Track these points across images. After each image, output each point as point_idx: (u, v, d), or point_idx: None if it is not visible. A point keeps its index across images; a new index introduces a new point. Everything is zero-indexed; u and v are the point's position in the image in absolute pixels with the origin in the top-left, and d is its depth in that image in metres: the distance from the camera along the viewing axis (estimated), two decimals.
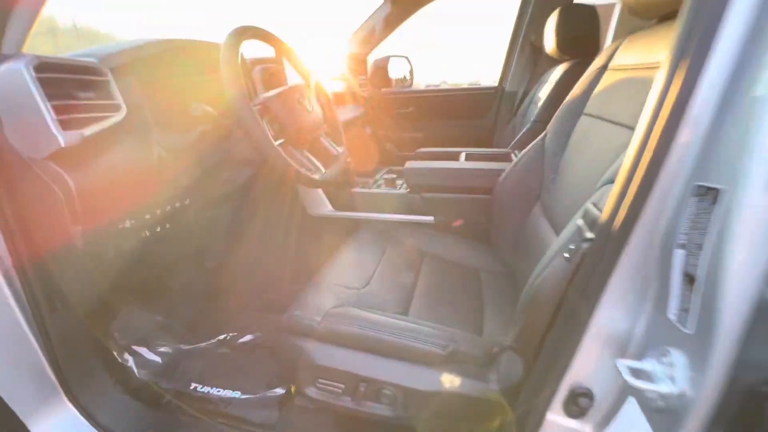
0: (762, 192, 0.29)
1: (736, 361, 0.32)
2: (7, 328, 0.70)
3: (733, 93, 0.31)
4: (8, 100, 0.54)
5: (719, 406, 0.33)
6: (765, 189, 0.29)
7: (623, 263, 0.40)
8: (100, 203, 0.66)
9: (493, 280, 1.03)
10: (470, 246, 1.15)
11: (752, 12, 0.30)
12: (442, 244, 1.16)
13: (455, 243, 1.16)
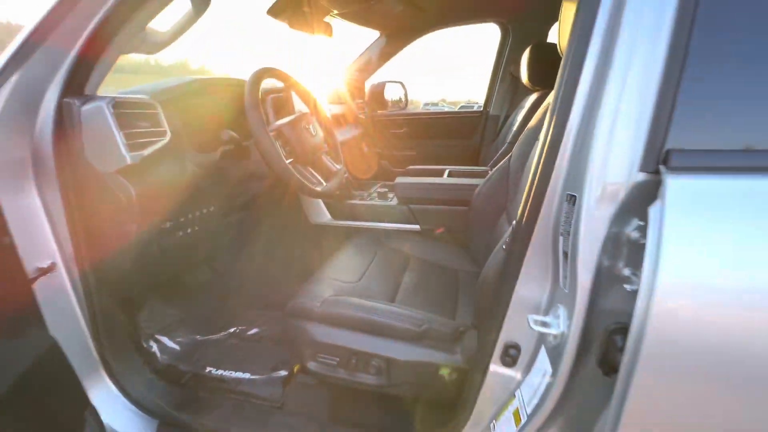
0: (595, 199, 0.47)
1: (588, 309, 0.49)
2: (64, 308, 0.86)
3: (586, 130, 0.50)
4: (92, 129, 0.73)
5: (581, 338, 0.51)
6: (595, 197, 0.47)
7: (531, 249, 0.58)
8: (150, 207, 0.84)
9: (468, 278, 1.20)
10: (450, 250, 1.33)
11: (593, 81, 0.49)
12: (426, 248, 1.33)
13: (437, 247, 1.34)
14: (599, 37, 0.47)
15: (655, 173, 0.43)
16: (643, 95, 0.44)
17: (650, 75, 0.43)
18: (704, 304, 0.39)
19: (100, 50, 0.75)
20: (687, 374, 0.41)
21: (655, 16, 0.43)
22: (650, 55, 0.43)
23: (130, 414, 0.99)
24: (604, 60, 0.46)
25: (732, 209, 0.40)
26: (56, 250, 0.82)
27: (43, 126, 0.75)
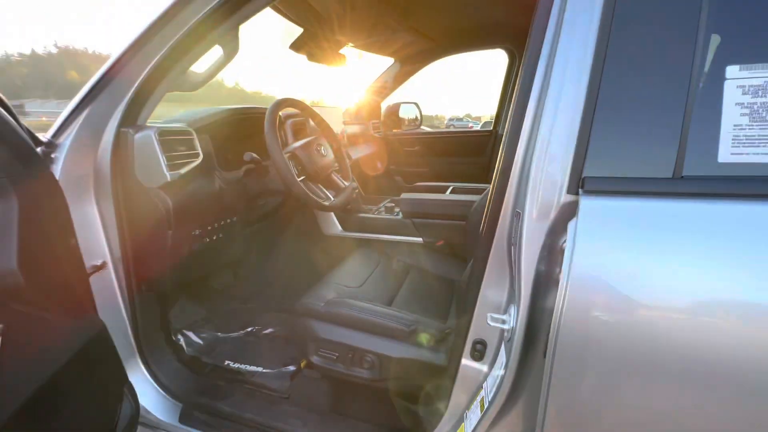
0: (533, 215, 0.58)
1: (530, 306, 0.59)
2: (111, 301, 1.03)
3: (527, 160, 0.60)
4: (142, 153, 0.91)
5: (526, 332, 0.60)
6: (534, 214, 0.57)
7: (492, 257, 0.68)
8: (183, 216, 1.00)
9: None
10: (449, 261, 1.43)
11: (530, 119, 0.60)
12: (426, 259, 1.44)
13: (437, 259, 1.44)
14: (537, 85, 0.58)
15: (576, 195, 0.54)
16: (567, 133, 0.54)
17: (572, 118, 0.54)
18: (606, 297, 0.49)
19: (151, 89, 0.93)
20: (596, 359, 0.50)
21: (575, 72, 0.54)
22: (572, 102, 0.54)
23: (159, 396, 1.13)
24: (539, 104, 0.58)
25: (629, 223, 0.49)
26: (107, 252, 1.00)
27: (104, 149, 0.93)
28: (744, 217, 0.46)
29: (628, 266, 0.49)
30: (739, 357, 0.44)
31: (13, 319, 0.67)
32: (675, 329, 0.47)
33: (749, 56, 0.47)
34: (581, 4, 0.54)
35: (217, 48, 0.92)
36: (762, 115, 0.46)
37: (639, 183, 0.51)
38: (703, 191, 0.48)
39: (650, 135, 0.51)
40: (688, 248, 0.47)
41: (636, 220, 0.50)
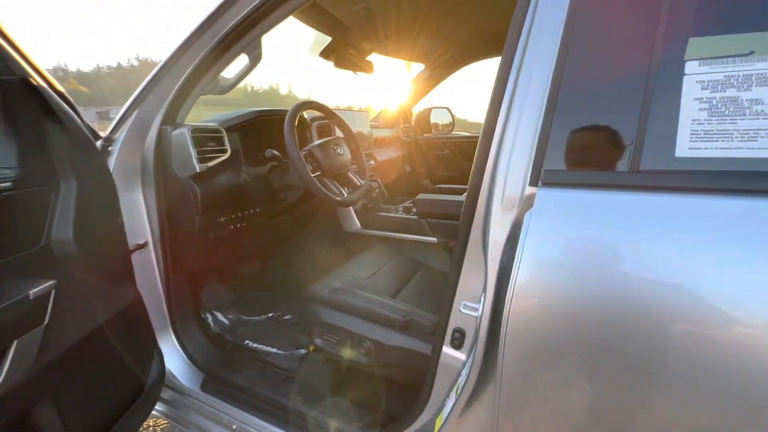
0: (500, 207, 0.60)
1: (495, 295, 0.62)
2: (149, 275, 1.18)
3: (498, 155, 0.63)
4: (178, 147, 1.05)
5: (491, 320, 0.62)
6: (501, 206, 0.60)
7: (469, 247, 0.71)
8: (211, 204, 1.14)
9: None
10: None
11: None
12: (438, 258, 1.47)
13: (448, 259, 1.46)
14: (510, 86, 0.61)
15: (536, 187, 0.56)
16: (532, 129, 0.57)
17: (536, 114, 0.57)
18: (551, 285, 0.51)
19: (188, 92, 1.08)
20: (540, 346, 0.52)
21: (541, 70, 0.57)
22: (537, 99, 0.57)
23: (185, 365, 1.27)
24: (509, 108, 0.61)
25: (582, 214, 0.51)
26: (149, 233, 1.16)
27: (149, 144, 1.09)
28: (699, 211, 0.46)
29: (578, 255, 0.50)
30: (686, 347, 0.45)
31: (66, 279, 0.81)
32: (619, 319, 0.47)
33: (709, 51, 0.47)
34: (547, 8, 0.57)
35: (243, 56, 1.04)
36: (721, 110, 0.46)
37: (596, 176, 0.52)
38: (659, 185, 0.49)
39: (608, 130, 0.52)
40: (640, 239, 0.48)
41: (590, 212, 0.51)
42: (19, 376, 0.70)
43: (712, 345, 0.43)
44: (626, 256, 0.48)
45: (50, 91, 0.80)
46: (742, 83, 0.46)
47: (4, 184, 0.70)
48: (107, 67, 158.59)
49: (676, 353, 0.44)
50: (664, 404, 0.45)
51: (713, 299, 0.44)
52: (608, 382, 0.49)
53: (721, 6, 0.47)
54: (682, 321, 0.45)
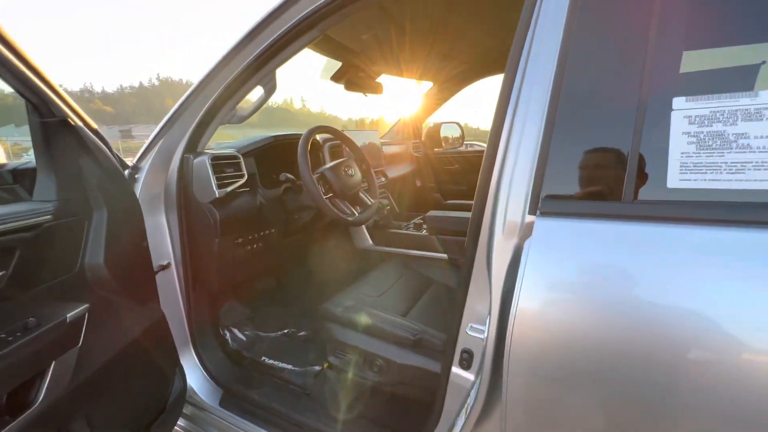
0: (502, 234, 0.63)
1: (499, 316, 0.64)
2: (172, 295, 1.25)
3: (499, 184, 0.66)
4: (198, 174, 1.12)
5: (496, 341, 0.65)
6: (503, 232, 0.63)
7: (475, 271, 0.74)
8: (229, 227, 1.20)
9: None
10: None
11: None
12: (449, 275, 1.49)
13: (459, 275, 1.48)
14: (509, 118, 0.65)
15: (535, 216, 0.59)
16: (530, 160, 0.60)
17: (534, 147, 0.60)
18: (550, 311, 0.53)
19: (208, 122, 1.15)
20: (541, 367, 0.54)
21: (537, 106, 0.60)
22: (534, 133, 0.60)
23: (204, 381, 1.32)
24: (509, 134, 0.64)
25: (579, 243, 0.53)
26: (171, 254, 1.22)
27: (172, 171, 1.16)
28: (690, 241, 0.48)
29: (574, 284, 0.53)
30: (679, 366, 0.46)
31: (97, 301, 0.88)
32: (616, 346, 0.49)
33: (695, 88, 0.50)
34: (543, 48, 0.60)
35: (258, 88, 1.11)
36: (708, 143, 0.49)
37: (591, 206, 0.55)
38: (651, 215, 0.51)
39: (602, 162, 0.55)
40: (634, 269, 0.50)
41: (586, 241, 0.54)
42: (57, 395, 0.75)
43: (703, 366, 0.45)
44: (620, 284, 0.51)
45: (85, 129, 0.88)
46: (728, 118, 0.48)
47: (45, 217, 0.77)
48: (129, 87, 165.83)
49: (671, 375, 0.46)
50: (662, 424, 0.47)
51: (707, 323, 0.45)
52: (608, 405, 0.50)
53: (705, 42, 0.50)
54: (677, 344, 0.46)
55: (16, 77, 0.71)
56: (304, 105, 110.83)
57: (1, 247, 0.69)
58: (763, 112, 0.46)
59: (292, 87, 28.10)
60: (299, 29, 0.95)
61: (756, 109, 0.46)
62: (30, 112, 0.78)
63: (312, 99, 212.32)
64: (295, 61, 1.10)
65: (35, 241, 0.75)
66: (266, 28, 0.96)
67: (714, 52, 0.51)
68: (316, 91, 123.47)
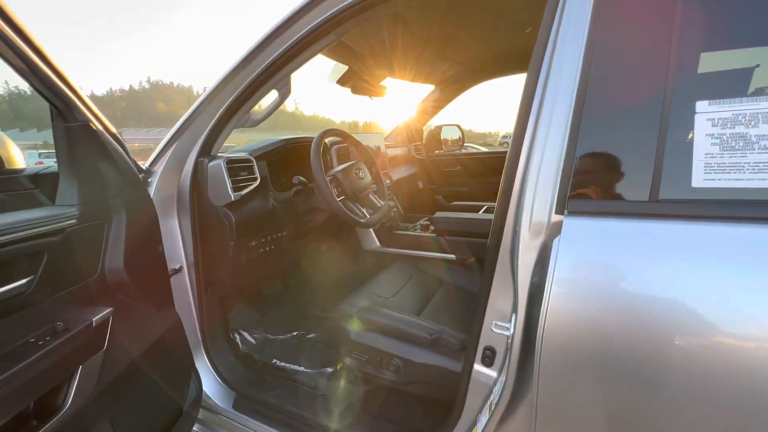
0: (528, 233, 0.65)
1: (526, 314, 0.66)
2: (184, 299, 1.24)
3: (524, 183, 0.68)
4: (214, 178, 1.12)
5: (523, 338, 0.67)
6: (529, 231, 0.65)
7: (498, 270, 0.75)
8: (243, 229, 1.20)
9: None
10: (479, 278, 1.48)
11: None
12: (457, 275, 1.51)
13: (468, 275, 1.50)
14: (533, 119, 0.67)
15: (562, 215, 0.61)
16: (556, 161, 0.62)
17: (560, 147, 0.62)
18: (582, 308, 0.55)
19: (222, 127, 1.15)
20: (572, 362, 0.56)
21: (562, 107, 0.62)
22: (560, 133, 0.62)
23: (218, 384, 1.32)
24: (534, 136, 0.66)
25: (606, 241, 0.56)
26: (183, 258, 1.22)
27: (185, 175, 1.17)
28: (715, 238, 0.51)
29: (603, 281, 0.55)
30: (709, 361, 0.48)
31: (119, 306, 0.88)
32: (645, 340, 0.52)
33: (718, 92, 0.52)
34: (567, 51, 0.63)
35: (273, 92, 1.12)
36: (731, 144, 0.51)
37: (618, 205, 0.57)
38: (677, 213, 0.53)
39: (628, 162, 0.57)
40: (661, 265, 0.53)
41: (613, 239, 0.56)
42: (84, 399, 0.75)
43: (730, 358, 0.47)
44: (649, 280, 0.53)
45: (106, 134, 0.88)
46: (750, 120, 0.50)
47: (70, 221, 0.78)
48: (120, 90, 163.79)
49: (701, 368, 0.48)
50: (698, 420, 0.49)
51: (730, 318, 0.48)
52: (640, 397, 0.52)
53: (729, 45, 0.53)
54: (706, 337, 0.49)
55: (43, 82, 0.72)
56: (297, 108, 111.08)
57: (30, 251, 0.69)
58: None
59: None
60: (317, 33, 0.96)
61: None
62: (54, 117, 0.78)
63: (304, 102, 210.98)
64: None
65: (61, 245, 0.76)
66: (284, 32, 0.97)
67: (733, 53, 0.53)
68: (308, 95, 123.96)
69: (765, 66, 0.52)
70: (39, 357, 0.66)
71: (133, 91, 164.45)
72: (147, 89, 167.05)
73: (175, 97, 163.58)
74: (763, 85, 0.51)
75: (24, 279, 0.67)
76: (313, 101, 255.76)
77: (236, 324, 1.61)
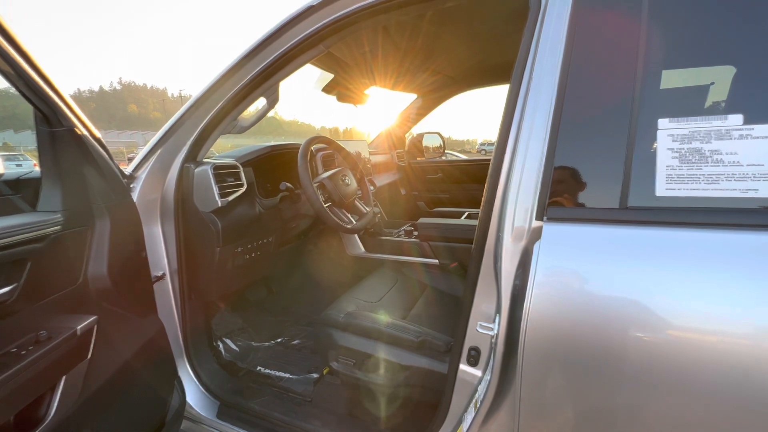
0: (510, 238, 0.70)
1: (509, 315, 0.70)
2: (166, 307, 1.22)
3: (506, 190, 0.73)
4: (200, 184, 1.12)
5: (506, 338, 0.70)
6: (511, 236, 0.69)
7: (483, 272, 0.80)
8: (230, 235, 1.20)
9: None
10: (462, 282, 1.53)
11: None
12: (441, 280, 1.55)
13: (451, 279, 1.55)
14: (513, 133, 0.72)
15: (542, 221, 0.66)
16: (535, 172, 0.67)
17: (539, 160, 0.67)
18: (561, 307, 0.59)
19: (209, 133, 1.15)
20: (555, 357, 0.60)
21: (540, 123, 0.67)
22: (539, 147, 0.67)
23: (200, 393, 1.30)
24: (514, 149, 0.71)
25: (582, 245, 0.60)
26: (166, 265, 1.20)
27: (170, 181, 1.16)
28: (677, 243, 0.56)
29: (579, 283, 0.59)
30: (675, 356, 0.54)
31: (103, 313, 0.86)
32: (618, 339, 0.56)
33: (678, 109, 0.59)
34: (545, 67, 0.68)
35: (261, 99, 1.13)
36: (689, 158, 0.57)
37: (592, 212, 0.62)
38: (643, 219, 0.59)
39: (601, 171, 0.62)
40: (631, 268, 0.58)
41: (588, 243, 0.61)
42: (67, 410, 0.73)
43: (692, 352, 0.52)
44: (621, 282, 0.58)
45: (91, 139, 0.87)
46: (704, 137, 0.57)
47: (54, 227, 0.76)
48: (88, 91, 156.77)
49: (670, 364, 0.53)
50: (671, 414, 0.54)
51: (692, 315, 0.53)
52: (614, 393, 0.57)
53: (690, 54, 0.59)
54: (672, 334, 0.54)
55: (30, 87, 0.71)
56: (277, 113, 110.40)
57: (15, 258, 0.67)
58: (731, 132, 0.55)
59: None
60: (307, 44, 0.99)
61: (726, 130, 0.55)
62: (39, 122, 0.77)
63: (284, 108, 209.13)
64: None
65: (45, 252, 0.74)
66: (275, 41, 0.99)
67: (693, 71, 0.60)
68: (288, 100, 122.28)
69: (719, 83, 0.58)
70: (21, 368, 0.64)
71: (103, 92, 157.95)
72: (118, 90, 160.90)
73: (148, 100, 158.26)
74: (718, 100, 0.57)
75: (7, 287, 0.66)
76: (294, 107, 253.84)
77: (219, 331, 1.59)
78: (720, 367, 0.52)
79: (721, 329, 0.52)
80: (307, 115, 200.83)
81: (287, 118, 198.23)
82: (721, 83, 0.58)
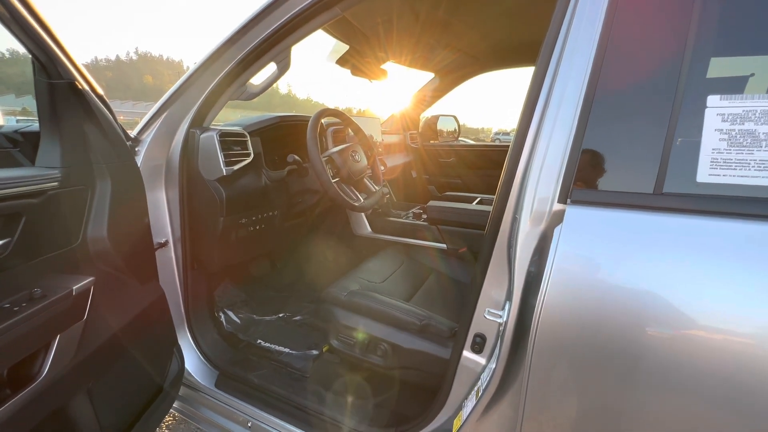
0: (528, 221, 0.65)
1: (521, 302, 0.66)
2: (168, 274, 1.21)
3: (527, 172, 0.67)
4: (205, 150, 1.08)
5: (516, 326, 0.66)
6: (529, 219, 0.64)
7: (494, 257, 0.75)
8: (234, 206, 1.17)
9: None
10: (470, 268, 1.48)
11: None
12: (448, 264, 1.51)
13: (459, 265, 1.50)
14: (540, 107, 0.66)
15: (565, 204, 0.60)
16: (561, 150, 0.61)
17: (566, 136, 0.61)
18: (579, 296, 0.55)
19: (216, 98, 1.11)
20: (571, 348, 0.56)
21: (571, 94, 0.61)
22: (567, 122, 0.61)
23: (200, 362, 1.30)
24: (539, 125, 0.65)
25: (608, 231, 0.55)
26: (170, 232, 1.18)
27: (175, 146, 1.12)
28: (717, 233, 0.51)
29: (604, 270, 0.55)
30: (704, 356, 0.49)
31: (101, 276, 0.84)
32: (644, 333, 0.52)
33: (729, 87, 0.52)
34: (579, 43, 0.61)
35: (272, 64, 1.08)
36: (739, 141, 0.51)
37: (621, 196, 0.56)
38: (680, 207, 0.53)
39: (635, 154, 0.56)
40: (662, 257, 0.52)
41: (615, 229, 0.55)
42: (60, 370, 0.72)
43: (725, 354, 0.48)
44: (650, 272, 0.53)
45: (92, 94, 0.84)
46: (760, 117, 0.50)
47: (51, 184, 0.73)
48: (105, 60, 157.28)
49: (698, 364, 0.48)
50: (690, 411, 0.49)
51: (727, 313, 0.48)
52: (634, 388, 0.53)
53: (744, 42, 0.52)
54: (705, 330, 0.49)
55: (27, 34, 0.67)
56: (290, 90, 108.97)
57: (8, 212, 0.65)
58: None
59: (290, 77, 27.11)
60: (321, 5, 0.93)
61: None
62: (37, 72, 0.74)
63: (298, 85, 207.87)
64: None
65: (40, 208, 0.72)
66: (287, 1, 0.93)
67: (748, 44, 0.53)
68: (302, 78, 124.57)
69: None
70: (13, 323, 0.62)
71: (120, 61, 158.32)
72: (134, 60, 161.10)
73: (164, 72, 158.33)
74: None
75: (0, 240, 0.63)
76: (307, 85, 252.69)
77: (222, 303, 1.58)
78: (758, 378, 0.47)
79: (762, 333, 0.47)
80: (322, 93, 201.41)
81: (301, 96, 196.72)
82: None
